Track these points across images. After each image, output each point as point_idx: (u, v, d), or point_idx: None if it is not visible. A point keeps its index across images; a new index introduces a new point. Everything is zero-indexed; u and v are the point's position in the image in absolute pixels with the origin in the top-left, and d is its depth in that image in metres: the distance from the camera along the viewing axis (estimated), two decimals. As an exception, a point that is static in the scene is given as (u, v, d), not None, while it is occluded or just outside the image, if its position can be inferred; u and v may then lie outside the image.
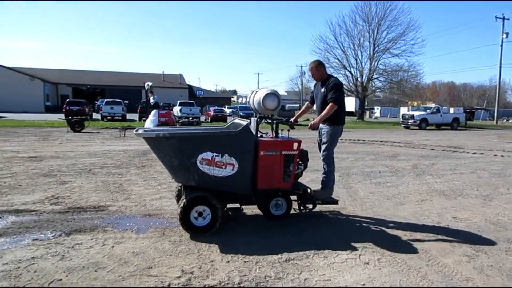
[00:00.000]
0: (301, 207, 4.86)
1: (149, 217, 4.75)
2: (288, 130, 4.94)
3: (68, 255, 3.49)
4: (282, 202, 4.67)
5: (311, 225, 4.66)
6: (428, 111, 30.38)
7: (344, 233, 4.36)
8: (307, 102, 5.58)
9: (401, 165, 9.68)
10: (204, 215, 4.09)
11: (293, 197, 4.80)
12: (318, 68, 5.00)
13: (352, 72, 40.96)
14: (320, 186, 4.95)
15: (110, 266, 3.28)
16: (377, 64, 40.65)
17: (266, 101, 4.66)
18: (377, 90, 45.38)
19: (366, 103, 48.77)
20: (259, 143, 4.33)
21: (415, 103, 64.25)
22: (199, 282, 3.03)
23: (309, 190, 4.80)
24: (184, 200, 4.05)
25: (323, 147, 4.97)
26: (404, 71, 40.10)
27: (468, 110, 46.21)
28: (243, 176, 4.24)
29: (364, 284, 3.09)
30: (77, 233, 4.08)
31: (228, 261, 3.43)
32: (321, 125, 4.98)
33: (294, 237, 4.13)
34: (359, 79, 41.15)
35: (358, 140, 17.21)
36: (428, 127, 29.24)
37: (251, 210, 4.97)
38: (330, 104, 4.76)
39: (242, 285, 3.00)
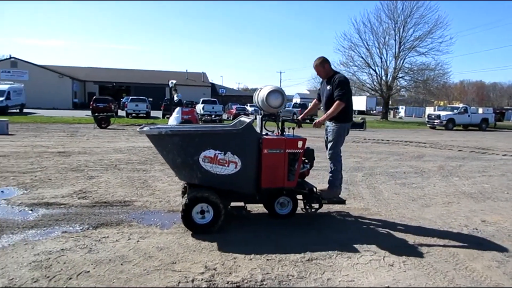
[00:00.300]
0: (307, 207, 4.77)
1: (173, 213, 4.81)
2: (293, 128, 4.87)
3: (96, 248, 3.59)
4: (287, 201, 4.62)
5: (334, 224, 4.62)
6: (455, 111, 29.53)
7: (367, 234, 4.31)
8: (315, 100, 5.48)
9: (426, 166, 9.46)
10: (206, 213, 4.08)
11: (300, 196, 4.74)
12: (322, 64, 4.86)
13: (377, 70, 40.34)
14: (327, 185, 4.86)
15: (135, 260, 3.35)
16: (403, 62, 39.88)
17: (270, 99, 4.56)
18: (402, 89, 44.47)
19: (390, 102, 47.88)
20: (263, 141, 4.29)
21: (442, 103, 62.61)
22: (222, 278, 3.06)
23: (315, 189, 4.72)
24: (186, 198, 4.07)
25: (329, 145, 4.87)
26: (431, 70, 39.13)
27: (498, 111, 44.72)
28: (247, 174, 4.22)
29: (388, 286, 3.04)
30: (103, 227, 4.19)
31: (251, 259, 3.44)
32: (327, 123, 4.91)
33: (317, 237, 4.11)
34: (383, 78, 40.47)
35: (382, 140, 16.93)
36: (455, 128, 28.45)
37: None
38: (336, 102, 4.66)
39: (264, 283, 3.00)
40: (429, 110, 47.95)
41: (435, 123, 28.87)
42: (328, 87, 4.82)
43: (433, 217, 5.05)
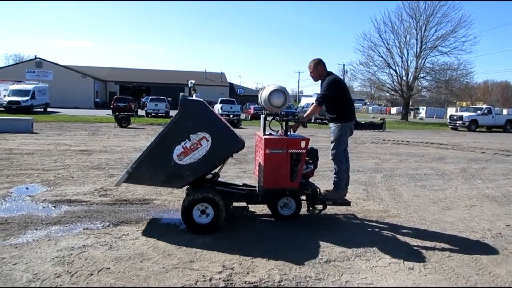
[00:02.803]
0: (311, 208, 4.72)
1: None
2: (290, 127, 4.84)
3: (116, 245, 3.66)
4: (290, 202, 4.58)
5: (353, 226, 4.57)
6: (478, 112, 28.78)
7: (387, 236, 4.25)
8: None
9: (448, 168, 9.26)
10: (207, 213, 4.07)
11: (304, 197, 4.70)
12: (316, 67, 4.85)
13: (397, 70, 39.74)
14: (332, 186, 4.80)
15: (154, 257, 3.40)
16: (424, 62, 39.17)
17: (272, 98, 4.52)
18: (423, 90, 43.64)
19: (410, 103, 47.04)
20: (265, 141, 4.27)
21: (464, 104, 61.13)
22: (239, 278, 3.07)
23: (319, 190, 4.67)
24: (187, 198, 4.09)
25: (331, 146, 4.83)
26: (453, 70, 38.28)
27: (523, 112, 43.25)
28: (223, 137, 4.12)
29: (408, 290, 2.99)
30: (124, 224, 4.27)
31: (268, 259, 3.44)
32: (329, 124, 4.91)
33: (335, 238, 4.06)
34: (404, 78, 39.81)
35: (402, 141, 16.64)
36: (478, 129, 27.71)
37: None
38: (313, 104, 4.83)
39: (282, 284, 3.00)
40: (451, 111, 46.92)
41: (457, 124, 28.20)
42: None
43: (455, 220, 4.94)
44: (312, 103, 4.83)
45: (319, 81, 4.90)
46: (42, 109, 30.39)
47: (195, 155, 4.04)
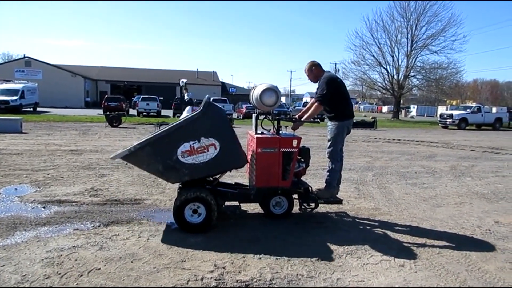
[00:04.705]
0: (303, 207, 4.72)
1: (182, 212, 4.82)
2: (286, 127, 4.85)
3: (106, 245, 3.62)
4: (282, 200, 4.57)
5: (344, 224, 4.59)
6: (468, 110, 29.10)
7: (378, 234, 4.27)
8: (313, 99, 5.48)
9: (438, 166, 9.34)
10: (199, 213, 4.05)
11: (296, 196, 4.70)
12: (311, 69, 4.90)
13: (388, 69, 39.93)
14: (324, 185, 4.81)
15: (145, 257, 3.38)
16: (415, 61, 39.42)
17: (264, 97, 4.53)
18: (414, 88, 44.00)
19: (401, 101, 47.41)
20: (257, 140, 4.26)
21: (454, 102, 61.78)
22: (231, 277, 3.06)
23: (311, 189, 4.68)
24: (179, 198, 4.08)
25: (327, 144, 4.84)
26: (443, 69, 38.63)
27: (512, 110, 43.88)
28: (230, 150, 4.12)
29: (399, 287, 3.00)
30: (114, 225, 4.23)
31: (260, 258, 3.44)
32: (327, 122, 4.92)
33: (327, 236, 4.08)
34: (395, 76, 40.04)
35: (393, 139, 16.76)
36: (467, 127, 28.04)
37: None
38: (315, 104, 4.81)
39: (274, 283, 3.00)
40: (441, 109, 47.34)
41: (448, 123, 28.49)
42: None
43: (445, 217, 4.99)
44: (305, 102, 4.83)
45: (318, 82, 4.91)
46: (31, 109, 30.02)
47: (199, 158, 4.02)
